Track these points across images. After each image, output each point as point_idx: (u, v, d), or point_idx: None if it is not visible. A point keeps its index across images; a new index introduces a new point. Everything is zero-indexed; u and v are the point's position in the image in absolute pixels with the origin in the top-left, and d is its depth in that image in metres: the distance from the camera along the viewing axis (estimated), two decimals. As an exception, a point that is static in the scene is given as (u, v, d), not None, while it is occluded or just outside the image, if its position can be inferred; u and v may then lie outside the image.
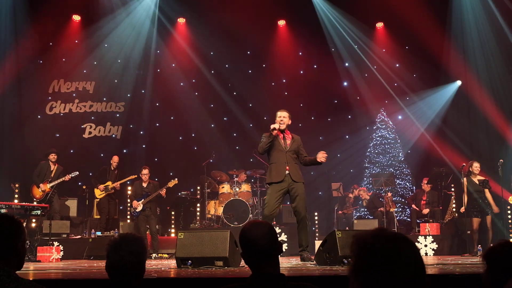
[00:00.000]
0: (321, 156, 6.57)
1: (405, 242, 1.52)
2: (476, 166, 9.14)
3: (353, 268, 1.53)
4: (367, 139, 13.03)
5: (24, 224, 8.24)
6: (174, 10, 13.08)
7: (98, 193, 10.57)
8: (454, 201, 10.46)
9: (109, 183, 10.53)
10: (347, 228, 11.02)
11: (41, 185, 10.01)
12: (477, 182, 9.08)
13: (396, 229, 10.55)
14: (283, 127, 6.63)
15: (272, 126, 6.51)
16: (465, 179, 9.13)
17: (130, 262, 2.38)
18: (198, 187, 11.93)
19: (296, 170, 6.61)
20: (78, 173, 10.32)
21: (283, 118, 6.67)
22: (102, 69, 13.16)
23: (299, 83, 13.43)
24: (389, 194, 11.11)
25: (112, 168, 10.71)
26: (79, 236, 10.41)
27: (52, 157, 10.32)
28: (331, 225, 11.65)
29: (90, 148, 12.75)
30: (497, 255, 2.06)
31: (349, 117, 13.35)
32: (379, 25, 13.27)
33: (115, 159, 10.81)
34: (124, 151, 12.83)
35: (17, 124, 12.37)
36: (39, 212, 8.30)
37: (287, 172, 6.53)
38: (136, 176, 10.46)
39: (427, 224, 9.92)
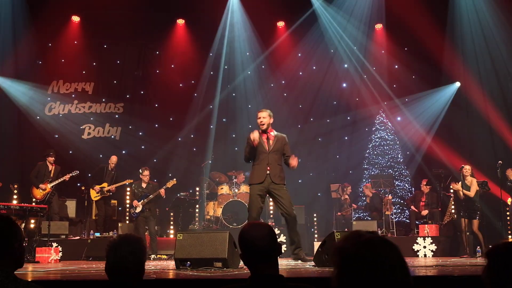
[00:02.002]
0: (292, 163, 6.44)
1: (385, 245, 1.50)
2: (466, 169, 9.14)
3: (336, 277, 1.51)
4: (366, 141, 13.04)
5: (23, 225, 8.22)
6: (173, 11, 13.08)
7: (94, 194, 10.54)
8: (453, 203, 10.46)
9: (104, 184, 10.49)
10: (346, 229, 11.01)
11: (41, 185, 9.99)
12: (468, 184, 9.08)
13: (395, 231, 10.56)
14: (264, 127, 6.54)
15: (252, 137, 6.39)
16: (459, 183, 9.14)
17: (131, 262, 2.38)
18: (197, 188, 11.92)
19: (277, 171, 6.47)
20: (78, 172, 10.31)
21: (262, 118, 6.57)
22: (101, 70, 13.16)
23: (298, 84, 13.43)
24: (390, 196, 11.11)
25: (110, 169, 10.69)
26: (78, 237, 10.39)
27: (51, 158, 10.30)
28: (330, 226, 11.66)
29: (89, 149, 12.74)
30: (499, 254, 2.05)
31: (348, 118, 13.36)
32: (378, 26, 13.28)
33: (114, 159, 10.77)
34: (123, 152, 12.83)
35: (16, 124, 12.35)
36: (38, 213, 8.29)
37: (267, 172, 6.43)
38: (132, 180, 10.43)
39: (426, 225, 9.92)
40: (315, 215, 12.00)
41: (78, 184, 11.53)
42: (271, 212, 11.25)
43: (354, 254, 1.48)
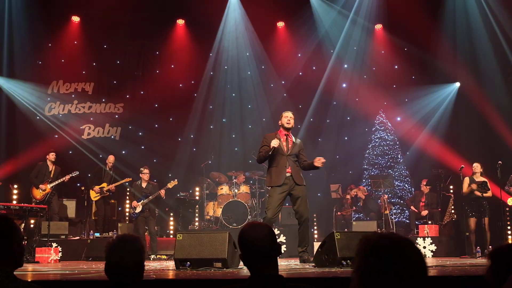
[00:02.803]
0: (318, 161, 6.61)
1: (409, 246, 1.54)
2: (475, 166, 9.22)
3: (355, 266, 1.54)
4: (366, 141, 13.03)
5: (23, 225, 8.23)
6: (173, 11, 13.08)
7: (93, 195, 10.55)
8: (452, 203, 10.47)
9: (104, 184, 10.50)
10: (346, 229, 11.01)
11: (41, 185, 9.99)
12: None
13: (394, 231, 10.55)
14: (290, 126, 6.73)
15: (272, 144, 6.52)
16: (467, 177, 9.17)
17: (131, 262, 2.39)
18: (197, 189, 11.92)
19: (297, 172, 6.67)
20: (78, 172, 10.32)
21: (290, 118, 6.76)
22: (101, 70, 13.16)
23: (298, 84, 13.43)
24: (385, 196, 11.10)
25: (108, 168, 10.69)
26: (78, 237, 10.40)
27: (52, 156, 10.30)
28: (330, 226, 11.65)
29: (89, 149, 12.74)
30: (503, 255, 2.07)
31: (348, 118, 13.36)
32: (378, 26, 13.28)
33: (111, 159, 10.79)
34: (123, 152, 12.83)
35: (16, 124, 12.35)
36: (37, 213, 8.29)
37: (288, 174, 6.59)
38: (130, 179, 10.44)
39: (425, 225, 9.92)
40: (315, 215, 11.99)
41: (78, 185, 11.53)
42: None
43: (375, 245, 1.53)
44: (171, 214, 11.66)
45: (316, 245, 9.41)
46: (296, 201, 6.61)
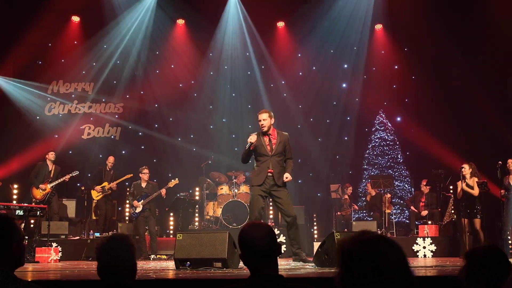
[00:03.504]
0: (287, 178, 6.46)
1: (385, 243, 1.49)
2: (465, 168, 9.11)
3: (337, 274, 1.52)
4: (366, 141, 13.04)
5: (23, 225, 8.23)
6: (173, 11, 13.09)
7: (95, 194, 10.56)
8: (452, 203, 10.47)
9: (105, 183, 10.52)
10: (345, 229, 11.01)
11: (41, 185, 9.99)
12: (470, 184, 9.09)
13: (394, 231, 10.56)
14: (265, 129, 6.59)
15: (248, 140, 6.49)
16: (459, 182, 9.15)
17: (124, 261, 2.38)
18: (197, 189, 11.92)
19: (280, 174, 6.50)
20: (78, 172, 10.32)
21: (263, 121, 6.60)
22: (101, 70, 13.15)
23: (298, 84, 13.43)
24: (388, 195, 11.10)
25: (108, 169, 10.71)
26: (78, 237, 10.40)
27: (51, 155, 10.30)
28: (330, 226, 11.66)
29: (89, 149, 12.74)
30: (478, 257, 2.10)
31: (348, 118, 13.36)
32: (378, 27, 13.28)
33: (111, 159, 10.82)
34: (123, 152, 12.83)
35: (16, 124, 12.35)
36: (37, 213, 8.29)
37: (269, 174, 6.49)
38: (132, 175, 10.45)
39: (425, 225, 9.92)
40: (315, 215, 11.99)
41: (78, 184, 11.54)
42: (271, 212, 11.25)
43: (354, 251, 1.49)
44: (171, 214, 11.66)
45: (316, 245, 9.42)
46: (280, 203, 6.53)
